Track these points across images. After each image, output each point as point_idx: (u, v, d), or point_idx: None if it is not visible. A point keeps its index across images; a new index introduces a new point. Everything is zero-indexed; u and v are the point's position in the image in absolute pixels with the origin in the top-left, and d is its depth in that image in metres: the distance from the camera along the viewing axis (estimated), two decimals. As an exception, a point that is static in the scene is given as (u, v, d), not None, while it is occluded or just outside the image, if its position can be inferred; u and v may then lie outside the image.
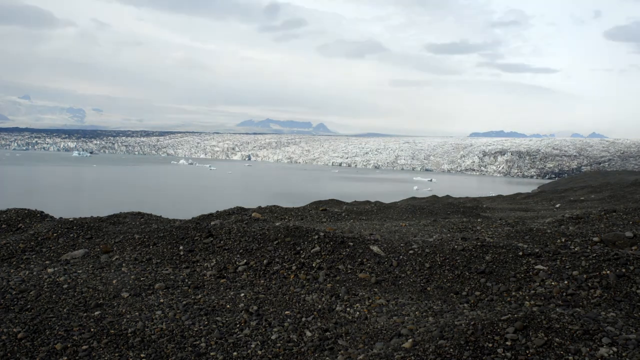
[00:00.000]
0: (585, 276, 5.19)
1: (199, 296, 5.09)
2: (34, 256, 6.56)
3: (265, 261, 6.16)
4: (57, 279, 5.41)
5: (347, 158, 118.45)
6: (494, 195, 37.03)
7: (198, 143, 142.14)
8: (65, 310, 4.53)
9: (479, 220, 11.50)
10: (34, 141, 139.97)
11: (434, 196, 28.87)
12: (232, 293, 5.20)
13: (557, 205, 20.04)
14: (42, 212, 9.15)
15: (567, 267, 5.47)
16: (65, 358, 3.65)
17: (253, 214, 10.56)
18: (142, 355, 3.78)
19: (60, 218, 8.87)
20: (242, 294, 5.15)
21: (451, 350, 3.40)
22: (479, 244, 6.40)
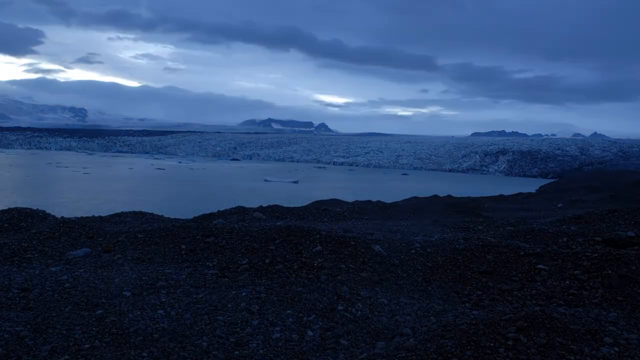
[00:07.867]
0: (587, 276, 5.18)
1: (201, 295, 5.09)
2: (36, 255, 6.57)
3: (267, 260, 6.16)
4: (60, 278, 5.42)
5: (349, 158, 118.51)
6: (495, 195, 36.95)
7: (200, 142, 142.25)
8: (67, 309, 4.54)
9: (480, 220, 11.51)
10: (35, 140, 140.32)
11: (435, 196, 28.82)
12: (233, 292, 5.20)
13: (559, 205, 20.02)
14: (44, 211, 9.18)
15: (568, 266, 5.47)
16: (67, 357, 3.66)
17: (255, 214, 10.58)
18: (144, 354, 3.78)
19: (62, 217, 8.89)
20: (244, 293, 5.15)
21: (453, 349, 3.40)
22: (480, 243, 6.40)
